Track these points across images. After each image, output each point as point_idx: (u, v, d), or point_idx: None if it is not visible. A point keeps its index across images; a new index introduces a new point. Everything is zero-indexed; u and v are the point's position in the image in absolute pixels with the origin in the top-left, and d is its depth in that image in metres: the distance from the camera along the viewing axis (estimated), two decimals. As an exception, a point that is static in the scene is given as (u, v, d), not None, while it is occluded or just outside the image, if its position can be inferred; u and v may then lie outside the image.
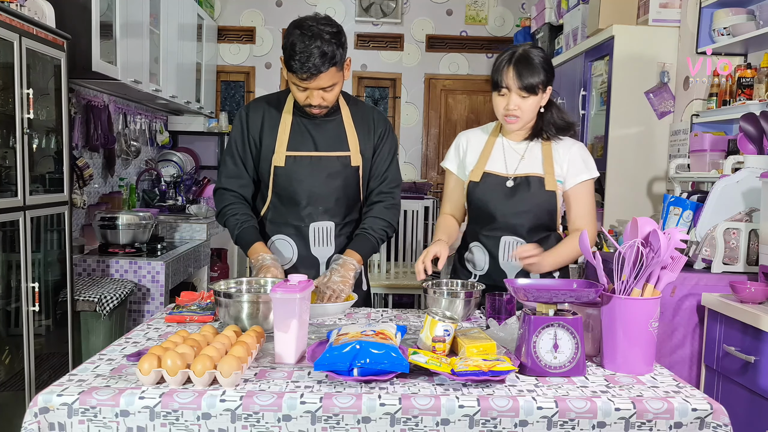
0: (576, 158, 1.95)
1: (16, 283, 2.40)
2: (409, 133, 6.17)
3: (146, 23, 3.87)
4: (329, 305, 1.81)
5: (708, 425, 1.25)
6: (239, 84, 6.06)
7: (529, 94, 1.86)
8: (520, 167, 1.96)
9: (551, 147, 1.96)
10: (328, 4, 5.92)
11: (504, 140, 2.00)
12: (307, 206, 2.02)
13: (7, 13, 2.27)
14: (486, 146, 2.01)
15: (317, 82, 1.85)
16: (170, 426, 1.21)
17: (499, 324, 1.67)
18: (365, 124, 2.08)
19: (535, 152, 1.97)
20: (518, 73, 1.84)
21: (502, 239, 1.96)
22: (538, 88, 1.86)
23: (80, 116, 3.61)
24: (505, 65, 1.86)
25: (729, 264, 2.41)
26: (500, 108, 1.90)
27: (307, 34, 1.81)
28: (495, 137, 2.02)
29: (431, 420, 1.22)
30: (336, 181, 2.02)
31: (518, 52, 1.87)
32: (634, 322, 1.41)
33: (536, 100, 1.88)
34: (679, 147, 3.29)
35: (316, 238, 2.05)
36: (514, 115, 1.88)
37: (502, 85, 1.87)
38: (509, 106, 1.87)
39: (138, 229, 3.36)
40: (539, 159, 1.95)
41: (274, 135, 2.01)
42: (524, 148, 1.98)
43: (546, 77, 1.87)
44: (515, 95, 1.86)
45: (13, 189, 2.37)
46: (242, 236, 1.99)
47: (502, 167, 1.97)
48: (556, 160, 1.95)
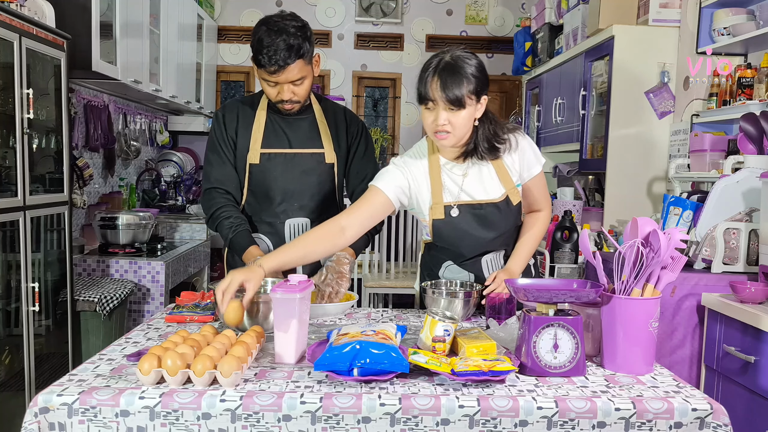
0: (525, 152, 1.82)
1: (16, 283, 2.40)
2: (409, 133, 6.17)
3: (146, 23, 3.87)
4: (329, 305, 1.81)
5: (708, 425, 1.25)
6: (239, 84, 6.06)
7: (458, 107, 1.64)
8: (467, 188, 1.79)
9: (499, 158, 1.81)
10: (328, 4, 5.91)
11: (443, 161, 1.81)
12: (281, 203, 2.06)
13: (7, 13, 2.27)
14: (432, 175, 1.80)
15: (286, 75, 1.90)
16: (170, 426, 1.21)
17: (499, 324, 1.67)
18: (337, 122, 2.13)
19: (484, 169, 1.80)
20: (443, 84, 1.62)
21: (484, 259, 1.89)
22: (468, 100, 1.64)
23: (80, 116, 3.61)
24: (430, 75, 1.65)
25: (729, 264, 2.41)
26: (429, 123, 1.68)
27: (273, 29, 1.88)
28: (435, 159, 1.81)
29: (431, 420, 1.22)
30: (310, 177, 2.06)
31: (444, 59, 1.66)
32: (634, 322, 1.41)
33: (468, 113, 1.66)
34: (679, 147, 3.29)
35: (292, 235, 2.08)
36: (444, 130, 1.67)
37: (428, 98, 1.65)
38: (438, 121, 1.65)
39: (138, 229, 3.37)
40: (492, 175, 1.81)
41: (249, 134, 2.05)
42: (466, 167, 1.80)
43: (477, 86, 1.65)
44: (443, 110, 1.65)
45: (13, 189, 2.37)
46: (236, 240, 1.99)
47: (454, 195, 1.80)
48: (510, 165, 1.81)
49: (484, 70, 1.69)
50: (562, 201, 3.72)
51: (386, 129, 6.18)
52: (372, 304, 4.34)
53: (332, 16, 5.93)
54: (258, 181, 2.06)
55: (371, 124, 6.20)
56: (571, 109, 3.94)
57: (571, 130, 3.94)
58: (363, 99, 6.15)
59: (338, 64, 5.99)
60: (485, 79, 1.69)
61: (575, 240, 2.88)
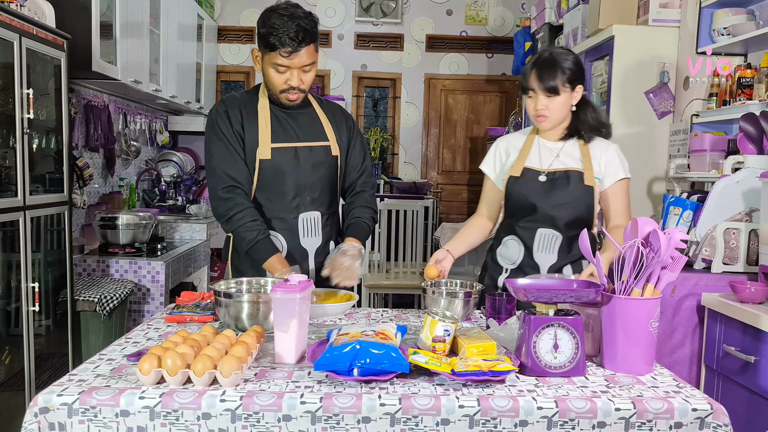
0: (613, 158, 2.02)
1: (16, 283, 2.40)
2: (409, 133, 6.17)
3: (146, 23, 3.87)
4: (329, 305, 1.81)
5: (708, 425, 1.25)
6: (239, 84, 6.06)
7: (553, 94, 1.94)
8: (554, 164, 2.02)
9: (588, 147, 2.03)
10: (328, 4, 5.92)
11: (540, 140, 2.08)
12: (295, 197, 2.03)
13: (7, 13, 2.27)
14: (525, 145, 2.09)
15: (299, 58, 1.91)
16: (170, 426, 1.21)
17: (499, 324, 1.67)
18: (335, 117, 2.14)
19: (572, 151, 2.04)
20: (539, 76, 1.94)
21: (539, 231, 2.00)
22: (562, 88, 1.93)
23: (80, 116, 3.61)
24: (530, 69, 1.97)
25: (729, 264, 2.41)
26: (530, 109, 2.00)
27: (284, 14, 1.89)
28: (533, 137, 2.10)
29: (431, 420, 1.22)
30: (321, 170, 2.05)
31: (543, 55, 1.97)
32: (634, 322, 1.41)
33: (563, 99, 1.96)
34: (679, 147, 3.29)
35: (305, 229, 2.06)
36: (543, 114, 1.97)
37: (528, 88, 1.98)
38: (537, 106, 1.97)
39: (138, 229, 3.36)
40: (577, 156, 2.02)
41: (255, 129, 2.01)
42: (559, 147, 2.05)
43: (570, 77, 1.94)
44: (541, 96, 1.95)
45: (13, 189, 2.37)
46: (260, 246, 1.93)
47: (537, 164, 2.04)
48: (594, 158, 2.02)
49: (579, 64, 1.98)
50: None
51: (386, 129, 6.19)
52: (372, 304, 4.34)
53: (332, 16, 5.94)
54: (269, 177, 2.00)
55: (371, 124, 6.20)
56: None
57: (571, 130, 3.93)
58: (363, 99, 6.15)
59: (338, 64, 5.99)
60: (579, 70, 1.97)
61: (575, 240, 2.87)
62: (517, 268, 2.03)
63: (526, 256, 2.02)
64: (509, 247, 2.06)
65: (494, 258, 2.11)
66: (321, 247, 2.08)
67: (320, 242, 2.08)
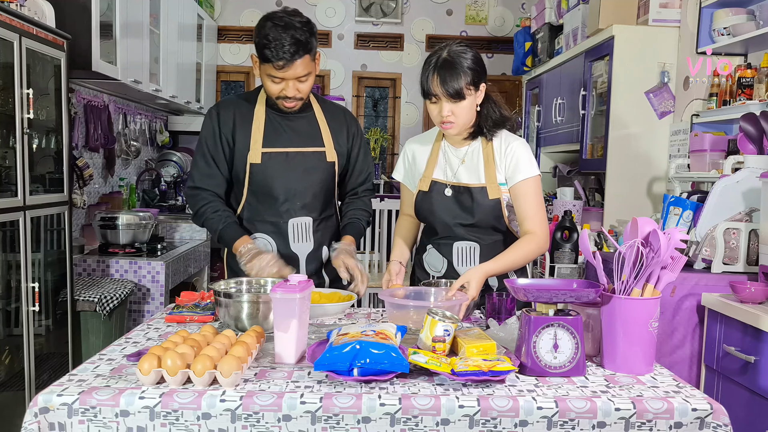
0: (516, 156, 1.88)
1: (16, 283, 2.40)
2: (409, 133, 6.16)
3: (146, 23, 3.87)
4: (329, 305, 1.81)
5: (708, 425, 1.25)
6: (239, 84, 6.06)
7: (459, 99, 1.79)
8: (459, 172, 1.93)
9: (492, 147, 1.91)
10: (328, 4, 5.91)
11: (446, 145, 1.98)
12: (284, 202, 2.04)
13: (7, 13, 2.27)
14: (432, 154, 1.99)
15: (293, 70, 1.89)
16: (170, 426, 1.21)
17: (499, 324, 1.67)
18: (337, 121, 2.12)
19: (476, 158, 1.93)
20: (442, 80, 1.77)
21: (455, 245, 1.97)
22: (466, 92, 1.79)
23: (80, 116, 3.61)
24: (431, 72, 1.79)
25: (729, 264, 2.41)
26: (435, 116, 1.84)
27: (279, 24, 1.87)
28: (439, 142, 1.99)
29: (431, 420, 1.22)
30: (313, 176, 2.05)
31: (442, 56, 1.80)
32: (634, 322, 1.41)
33: (469, 103, 1.82)
34: (679, 147, 3.29)
35: (295, 234, 2.06)
36: (449, 121, 1.82)
37: (431, 93, 1.81)
38: (442, 113, 1.81)
39: (138, 229, 3.36)
40: (480, 165, 1.91)
41: (248, 132, 2.02)
42: (463, 152, 1.94)
43: (474, 78, 1.79)
44: (446, 102, 1.79)
45: (13, 189, 2.37)
46: (226, 232, 1.99)
47: (442, 175, 1.96)
48: (498, 161, 1.90)
49: (480, 61, 1.83)
50: (562, 201, 3.72)
51: (386, 129, 6.18)
52: (372, 304, 4.34)
53: (332, 16, 5.93)
54: (259, 181, 2.03)
55: (371, 124, 6.20)
56: (571, 109, 3.94)
57: (571, 130, 3.94)
58: (363, 99, 6.15)
59: (338, 64, 5.99)
60: (482, 69, 1.83)
61: (575, 240, 2.88)
62: (442, 276, 2.00)
63: (449, 268, 1.99)
64: (432, 257, 2.03)
65: (420, 263, 2.08)
66: (312, 252, 2.09)
67: (311, 248, 2.09)
